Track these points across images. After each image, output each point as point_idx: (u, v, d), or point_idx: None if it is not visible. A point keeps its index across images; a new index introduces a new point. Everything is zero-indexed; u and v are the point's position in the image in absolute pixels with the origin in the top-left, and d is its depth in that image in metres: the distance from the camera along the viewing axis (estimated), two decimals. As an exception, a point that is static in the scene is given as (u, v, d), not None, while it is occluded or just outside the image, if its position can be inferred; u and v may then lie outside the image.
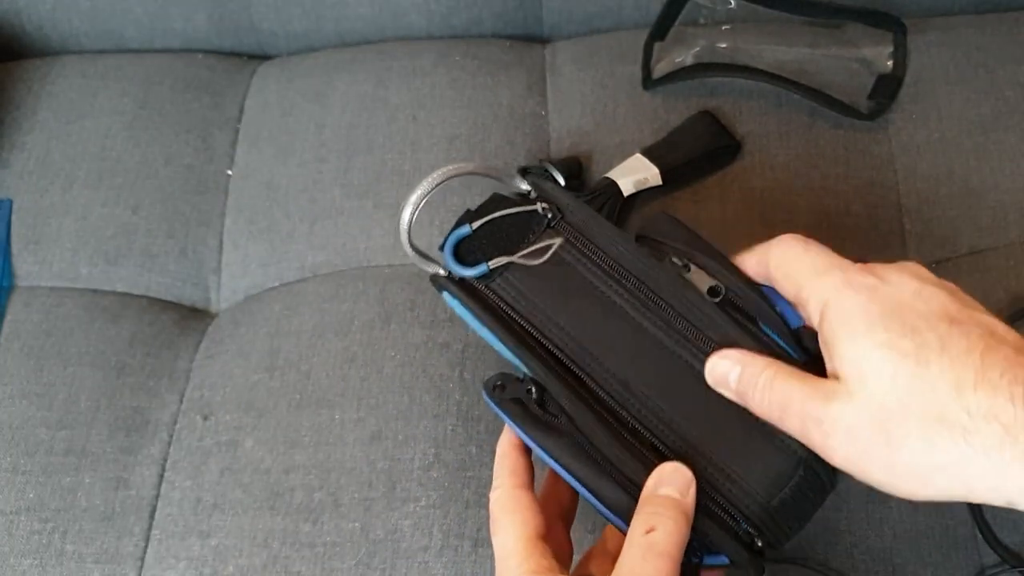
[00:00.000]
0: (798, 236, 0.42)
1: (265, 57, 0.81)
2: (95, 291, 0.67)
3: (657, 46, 0.71)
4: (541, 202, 0.49)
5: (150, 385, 0.63)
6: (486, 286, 0.48)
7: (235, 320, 0.66)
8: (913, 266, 0.39)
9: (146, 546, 0.57)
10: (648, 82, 0.70)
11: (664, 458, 0.41)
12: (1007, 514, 0.53)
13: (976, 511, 0.53)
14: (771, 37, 0.71)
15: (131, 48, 0.80)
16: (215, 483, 0.58)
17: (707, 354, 0.42)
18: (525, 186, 0.50)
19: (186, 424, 0.61)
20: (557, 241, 0.47)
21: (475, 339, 0.61)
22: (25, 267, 0.68)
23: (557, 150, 0.70)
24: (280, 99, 0.75)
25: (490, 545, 0.43)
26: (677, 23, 0.71)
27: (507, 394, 0.45)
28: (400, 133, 0.70)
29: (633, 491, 0.41)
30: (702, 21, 0.73)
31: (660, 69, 0.71)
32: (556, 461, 0.43)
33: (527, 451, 0.44)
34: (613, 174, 0.64)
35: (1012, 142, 0.65)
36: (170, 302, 0.68)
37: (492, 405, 0.45)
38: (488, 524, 0.43)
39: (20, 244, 0.68)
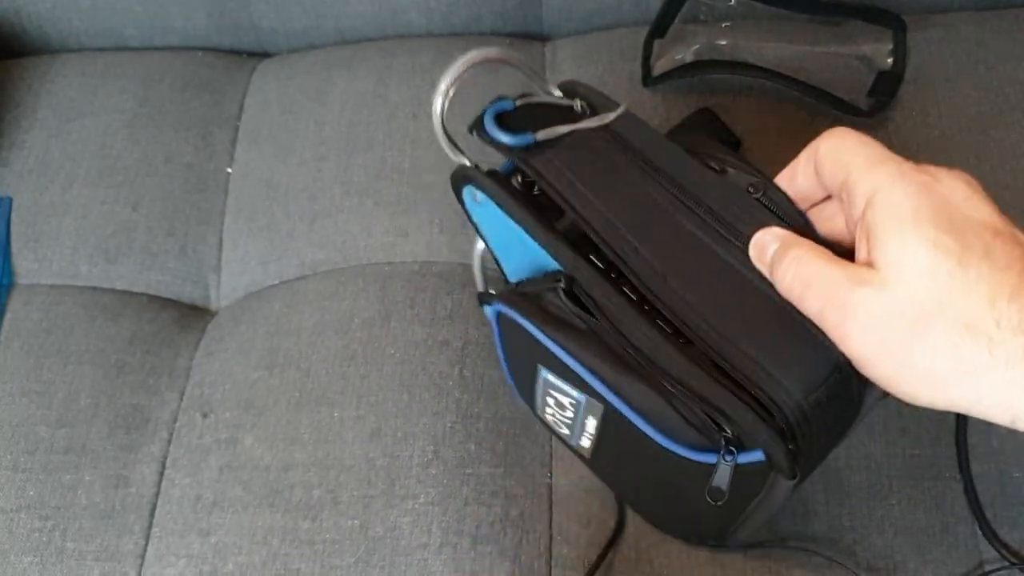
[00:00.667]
0: (851, 130, 0.40)
1: (265, 55, 0.81)
2: (95, 289, 0.67)
3: (657, 43, 0.71)
4: (579, 99, 0.48)
5: (150, 383, 0.63)
6: (525, 160, 0.45)
7: (235, 318, 0.66)
8: (965, 174, 0.38)
9: (146, 544, 0.57)
10: (648, 79, 0.70)
11: (698, 351, 0.40)
12: (1007, 512, 0.53)
13: (976, 509, 0.53)
14: (771, 34, 0.71)
15: (131, 46, 0.80)
16: (215, 481, 0.58)
17: (745, 251, 0.41)
18: (558, 92, 0.49)
19: (186, 422, 0.61)
20: (611, 115, 0.46)
21: (475, 337, 0.61)
22: (25, 265, 0.68)
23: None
24: (280, 97, 0.75)
25: (488, 543, 0.43)
26: (677, 20, 0.71)
27: (521, 289, 0.44)
28: (400, 131, 0.70)
29: (667, 388, 0.40)
30: (702, 18, 0.73)
31: (660, 66, 0.71)
32: (574, 359, 0.42)
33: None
34: (613, 171, 0.64)
35: (1012, 139, 0.65)
36: (170, 300, 0.68)
37: (497, 308, 0.44)
38: (487, 522, 0.42)
39: (20, 242, 0.68)
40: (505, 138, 0.46)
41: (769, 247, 0.40)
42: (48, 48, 0.81)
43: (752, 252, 0.41)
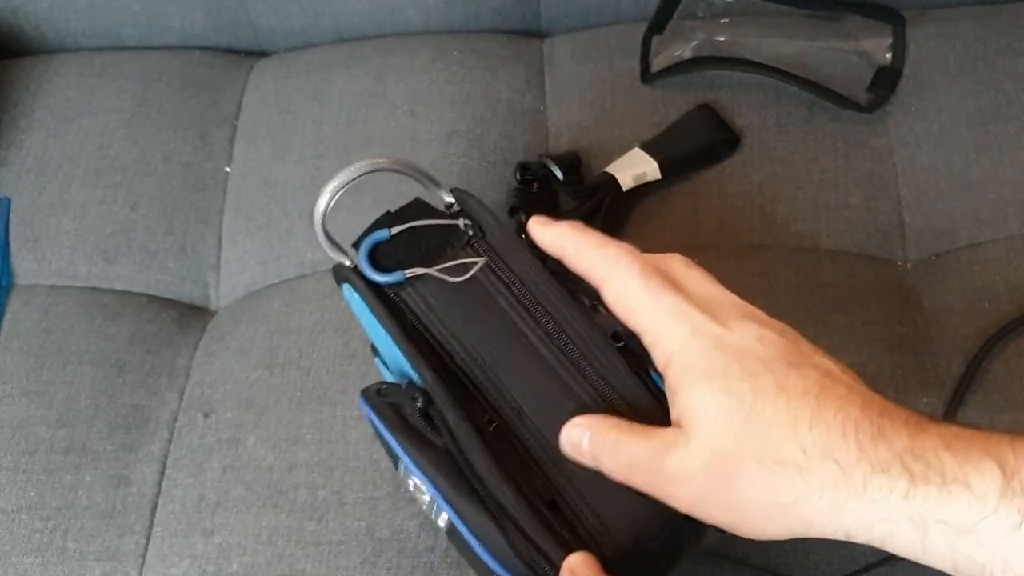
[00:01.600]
0: (632, 261, 0.40)
1: (263, 54, 0.81)
2: (94, 289, 0.67)
3: (655, 40, 0.71)
4: (464, 218, 0.47)
5: (150, 383, 0.63)
6: (395, 293, 0.46)
7: (235, 317, 0.66)
8: (755, 311, 0.39)
9: (147, 544, 0.57)
10: (647, 76, 0.70)
11: (539, 491, 0.41)
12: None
13: None
14: (770, 30, 0.71)
15: (128, 46, 0.80)
16: (217, 481, 0.58)
17: (601, 395, 0.42)
18: (449, 198, 0.49)
19: (187, 422, 0.61)
20: (481, 261, 0.46)
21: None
22: (24, 265, 0.67)
23: (556, 145, 0.70)
24: (278, 96, 0.75)
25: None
26: (675, 17, 0.71)
27: (385, 398, 0.44)
28: (398, 129, 0.70)
29: (503, 521, 0.40)
30: (700, 14, 0.73)
31: (659, 63, 0.71)
32: (424, 474, 0.42)
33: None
34: (612, 168, 0.64)
35: (1011, 134, 0.65)
36: (169, 300, 0.68)
37: (366, 409, 0.44)
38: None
39: (19, 243, 0.68)
40: (376, 276, 0.47)
41: (582, 440, 0.40)
42: (45, 48, 0.80)
43: (566, 447, 0.41)
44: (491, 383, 0.43)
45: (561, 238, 0.43)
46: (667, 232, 0.64)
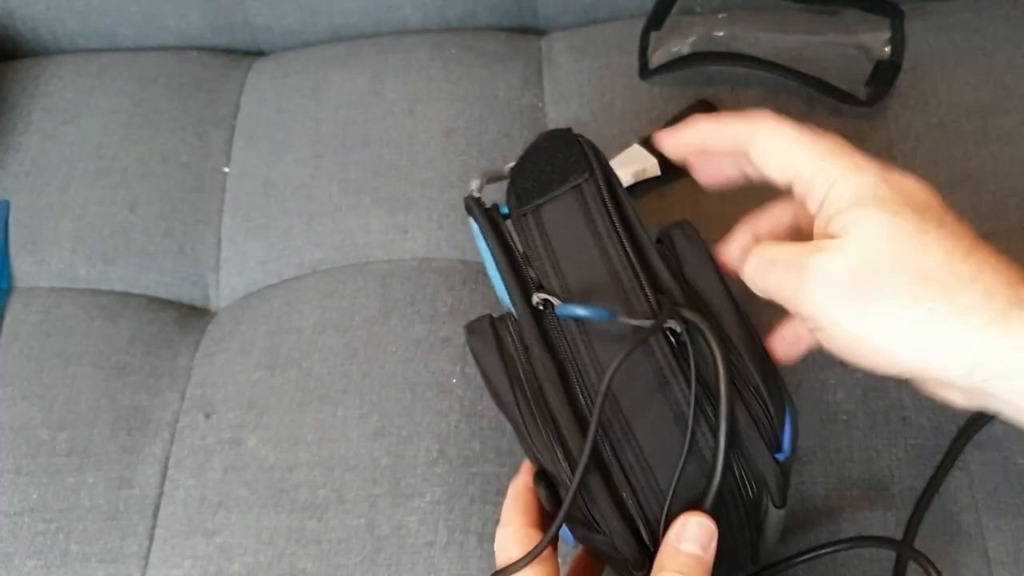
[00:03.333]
0: (778, 117, 0.42)
1: (260, 53, 0.81)
2: (94, 291, 0.67)
3: (653, 36, 0.71)
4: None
5: (151, 384, 0.63)
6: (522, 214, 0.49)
7: (235, 318, 0.66)
8: (916, 179, 0.40)
9: (150, 545, 0.57)
10: (645, 72, 0.70)
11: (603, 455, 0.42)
12: (1012, 499, 0.53)
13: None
14: (768, 25, 0.71)
15: (125, 47, 0.80)
16: (219, 481, 0.58)
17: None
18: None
19: (188, 423, 0.61)
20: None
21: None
22: (23, 268, 0.67)
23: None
24: (275, 95, 0.74)
25: (495, 541, 0.43)
26: (673, 12, 0.71)
27: (482, 325, 0.47)
28: (397, 127, 0.70)
29: (553, 448, 0.42)
30: (698, 10, 0.73)
31: (657, 59, 0.71)
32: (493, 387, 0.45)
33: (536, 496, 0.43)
34: (611, 165, 0.64)
35: (1011, 126, 0.65)
36: (169, 301, 0.68)
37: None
38: (493, 520, 0.43)
39: (18, 245, 0.68)
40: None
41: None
42: (42, 50, 0.80)
43: (753, 278, 0.42)
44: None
45: (696, 128, 0.45)
46: (667, 228, 0.64)
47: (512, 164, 0.52)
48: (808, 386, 0.52)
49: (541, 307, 0.46)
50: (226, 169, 0.72)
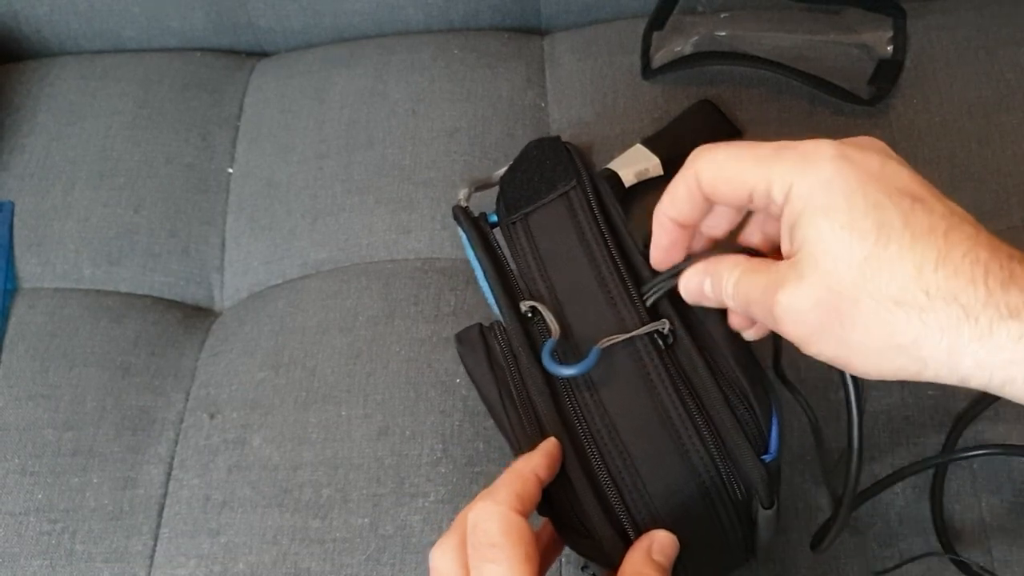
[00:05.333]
0: (709, 145, 0.39)
1: (263, 54, 0.81)
2: (98, 291, 0.67)
3: (656, 35, 0.71)
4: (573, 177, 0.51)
5: (155, 384, 0.63)
6: (509, 224, 0.50)
7: (239, 318, 0.66)
8: (875, 141, 0.36)
9: (155, 545, 0.57)
10: (647, 72, 0.70)
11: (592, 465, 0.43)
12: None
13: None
14: (770, 24, 0.71)
15: (129, 48, 0.80)
16: (223, 481, 0.58)
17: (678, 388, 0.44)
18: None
19: (193, 423, 0.61)
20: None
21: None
22: (28, 269, 0.68)
23: (557, 134, 0.70)
24: (279, 96, 0.75)
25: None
26: (676, 12, 0.71)
27: (472, 335, 0.48)
28: (400, 127, 0.70)
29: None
30: (700, 9, 0.72)
31: (659, 58, 0.71)
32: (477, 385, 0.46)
33: (540, 483, 0.42)
34: (614, 165, 0.64)
35: (1014, 125, 0.65)
36: (174, 301, 0.69)
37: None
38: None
39: (23, 246, 0.68)
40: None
41: (704, 284, 0.40)
42: (46, 51, 0.80)
43: (687, 296, 0.42)
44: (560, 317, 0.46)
45: (658, 221, 0.42)
46: (669, 228, 0.64)
47: (500, 171, 0.53)
48: (811, 384, 0.52)
49: (529, 315, 0.46)
50: (230, 170, 0.72)
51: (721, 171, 0.38)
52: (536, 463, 0.41)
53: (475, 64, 0.73)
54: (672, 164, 0.65)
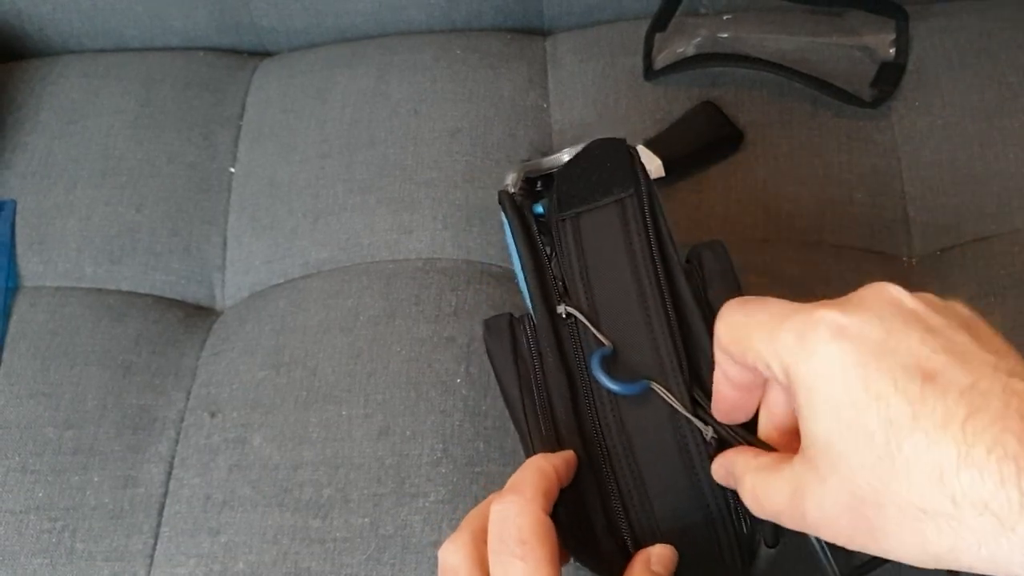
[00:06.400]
0: (738, 298, 0.36)
1: (266, 54, 0.81)
2: (100, 290, 0.67)
3: (658, 37, 0.71)
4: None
5: (156, 383, 0.63)
6: (560, 219, 0.49)
7: (240, 317, 0.66)
8: (885, 290, 0.33)
9: (155, 543, 0.57)
10: (650, 73, 0.70)
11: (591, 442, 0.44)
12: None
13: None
14: (772, 26, 0.71)
15: (132, 47, 0.80)
16: (224, 480, 0.58)
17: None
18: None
19: (193, 422, 0.61)
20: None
21: (480, 333, 0.61)
22: (30, 267, 0.68)
23: (559, 143, 0.70)
24: (281, 95, 0.75)
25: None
26: (678, 13, 0.71)
27: (500, 324, 0.48)
28: (402, 128, 0.70)
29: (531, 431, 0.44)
30: (703, 11, 0.73)
31: (662, 60, 0.71)
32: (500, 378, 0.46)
33: (559, 484, 0.41)
34: (616, 166, 0.64)
35: (1016, 128, 0.65)
36: (175, 300, 0.69)
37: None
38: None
39: (24, 245, 0.68)
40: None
41: (729, 478, 0.39)
42: (49, 50, 0.80)
43: (718, 478, 0.41)
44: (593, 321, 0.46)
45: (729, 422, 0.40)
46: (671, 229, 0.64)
47: (551, 157, 0.51)
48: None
49: (563, 316, 0.46)
50: (232, 169, 0.72)
51: (733, 334, 0.35)
52: (557, 463, 0.41)
53: (477, 64, 0.73)
54: (674, 165, 0.65)
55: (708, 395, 0.41)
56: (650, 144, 0.65)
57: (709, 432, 0.42)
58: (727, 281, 0.47)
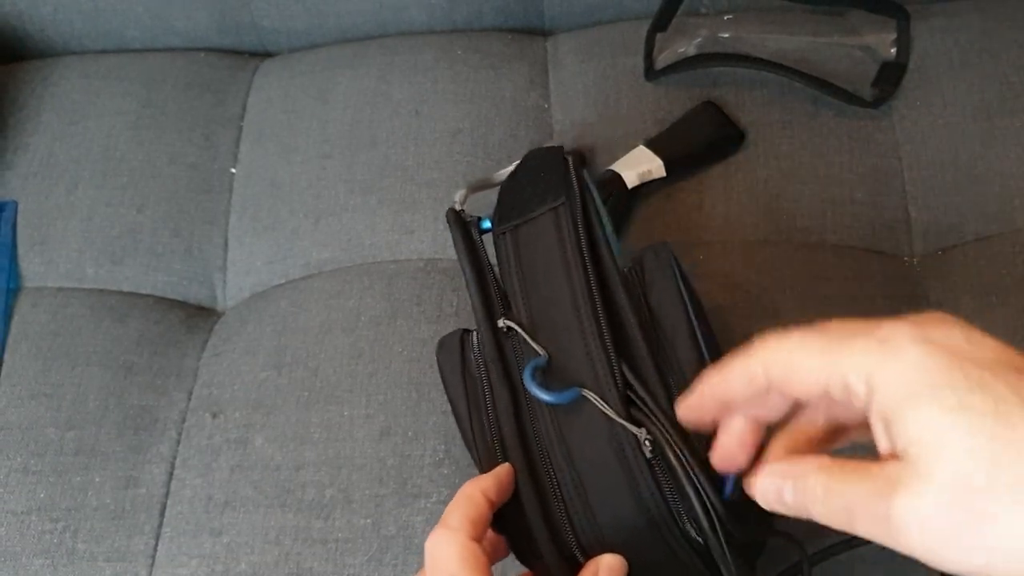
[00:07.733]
0: (775, 334, 0.35)
1: (267, 54, 0.81)
2: (101, 291, 0.67)
3: (659, 37, 0.71)
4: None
5: (158, 384, 0.63)
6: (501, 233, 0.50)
7: (242, 318, 0.66)
8: (943, 315, 0.32)
9: (157, 544, 0.57)
10: (651, 73, 0.70)
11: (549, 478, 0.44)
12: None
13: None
14: (773, 26, 0.71)
15: (133, 48, 0.80)
16: (225, 481, 0.58)
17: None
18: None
19: (195, 422, 0.61)
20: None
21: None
22: (31, 268, 0.68)
23: (560, 143, 0.70)
24: (283, 96, 0.75)
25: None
26: (679, 13, 0.71)
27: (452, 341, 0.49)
28: (403, 128, 0.70)
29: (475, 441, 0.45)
30: (704, 11, 0.73)
31: (662, 60, 0.71)
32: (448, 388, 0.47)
33: (492, 505, 0.42)
34: (617, 166, 0.64)
35: (1017, 127, 0.65)
36: (176, 301, 0.69)
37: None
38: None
39: (26, 245, 0.68)
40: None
41: (783, 490, 0.35)
42: (50, 51, 0.81)
43: (761, 501, 0.36)
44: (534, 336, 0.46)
45: (702, 391, 0.38)
46: (672, 229, 0.64)
47: (502, 171, 0.52)
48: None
49: (505, 330, 0.46)
50: (233, 170, 0.72)
51: (791, 364, 0.34)
52: (486, 485, 0.42)
53: (478, 65, 0.73)
54: (675, 165, 0.65)
55: (653, 397, 0.42)
56: (651, 144, 0.65)
57: (643, 435, 0.42)
58: (667, 283, 0.46)
